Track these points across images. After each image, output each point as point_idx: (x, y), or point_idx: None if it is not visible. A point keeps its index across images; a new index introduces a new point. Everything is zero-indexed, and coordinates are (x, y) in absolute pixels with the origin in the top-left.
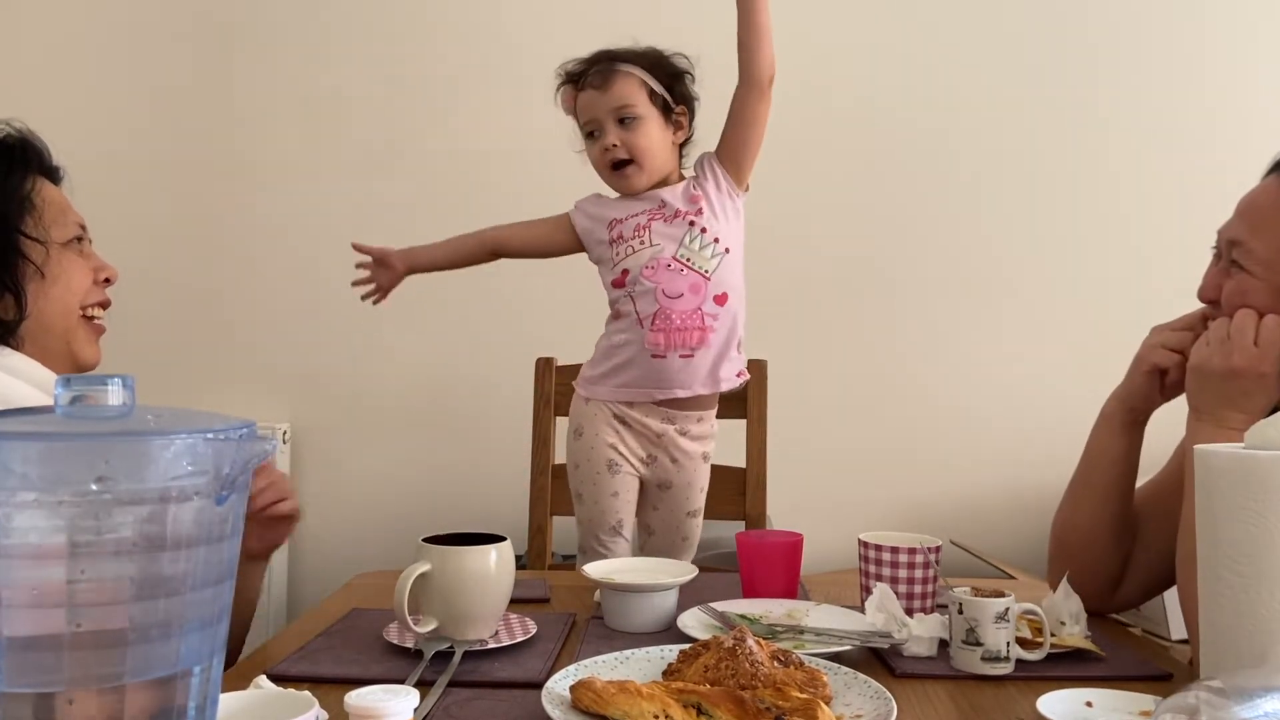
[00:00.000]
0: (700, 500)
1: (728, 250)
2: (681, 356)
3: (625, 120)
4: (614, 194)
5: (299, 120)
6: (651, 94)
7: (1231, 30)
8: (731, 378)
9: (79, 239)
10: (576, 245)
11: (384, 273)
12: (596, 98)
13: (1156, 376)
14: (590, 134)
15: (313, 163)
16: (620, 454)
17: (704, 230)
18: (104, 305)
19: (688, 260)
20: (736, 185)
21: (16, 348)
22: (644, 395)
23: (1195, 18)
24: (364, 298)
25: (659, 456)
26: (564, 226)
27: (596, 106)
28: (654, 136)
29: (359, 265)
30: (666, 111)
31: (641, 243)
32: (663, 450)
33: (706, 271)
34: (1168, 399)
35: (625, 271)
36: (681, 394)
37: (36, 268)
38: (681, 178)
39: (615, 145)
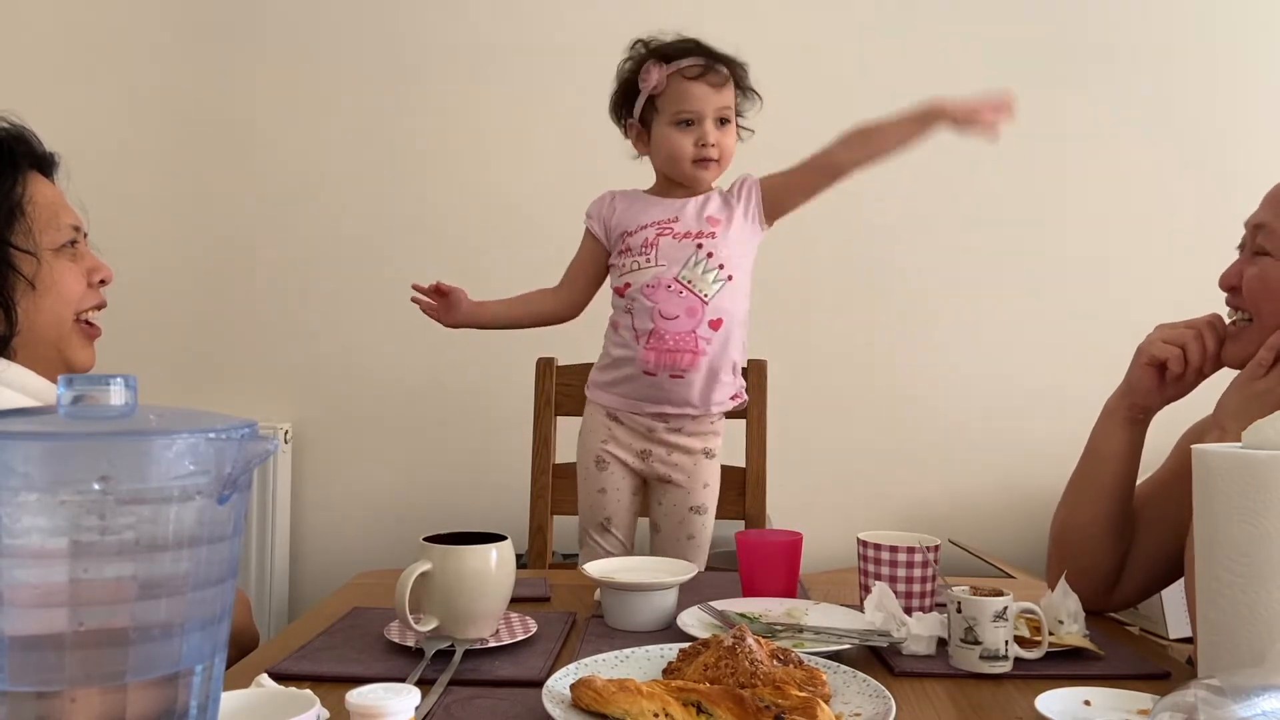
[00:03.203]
0: (705, 497)
1: (730, 278)
2: (672, 377)
3: (724, 120)
4: (627, 190)
5: (303, 119)
6: (736, 102)
7: (1240, 31)
8: (725, 401)
9: (72, 242)
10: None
11: (446, 308)
12: (709, 93)
13: (1155, 371)
14: (685, 122)
15: (317, 162)
16: (610, 451)
17: (710, 255)
18: (99, 307)
19: (689, 282)
20: (765, 219)
21: (10, 359)
22: (636, 407)
23: (1202, 19)
24: (416, 301)
25: (653, 450)
26: (592, 247)
27: (706, 101)
28: (734, 141)
29: (427, 289)
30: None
31: (647, 260)
32: (656, 444)
33: (706, 295)
34: (1169, 399)
35: (627, 284)
36: (671, 410)
37: (27, 281)
38: (711, 186)
39: (714, 144)
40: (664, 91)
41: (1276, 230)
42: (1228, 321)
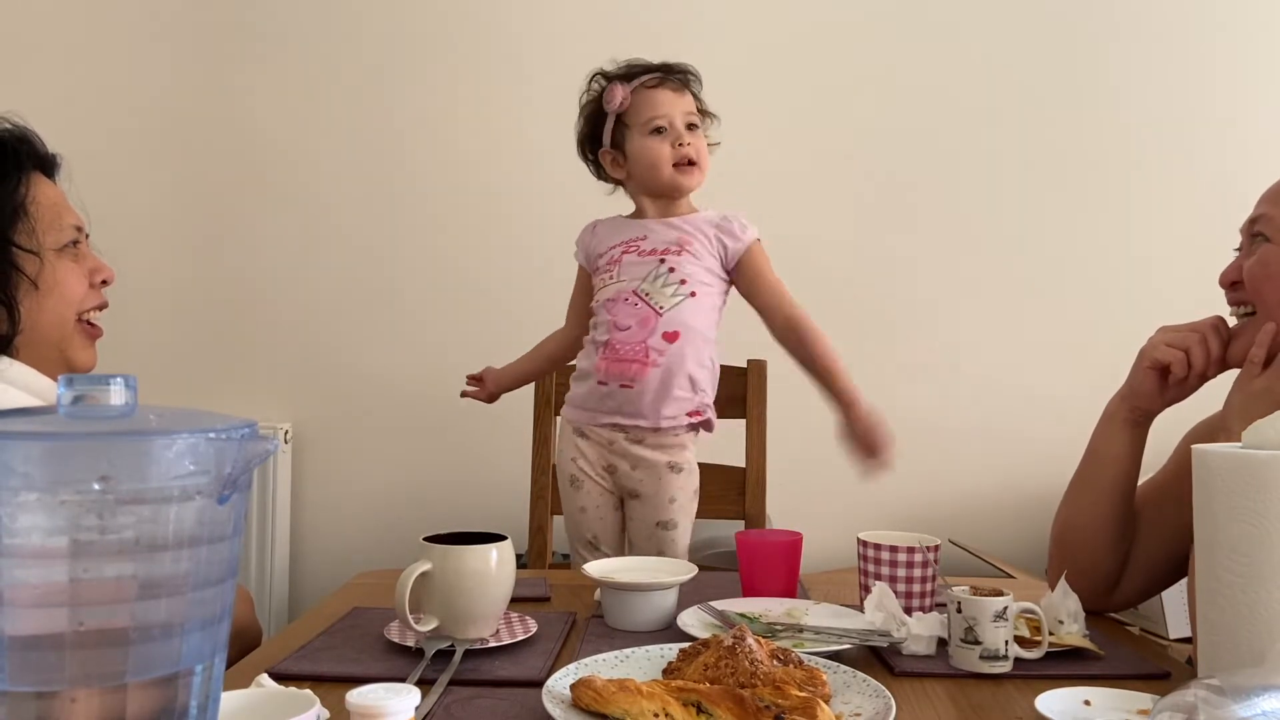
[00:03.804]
0: (671, 513)
1: (694, 294)
2: (621, 386)
3: (692, 125)
4: (609, 217)
5: (304, 120)
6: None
7: (1240, 36)
8: (680, 416)
9: (75, 242)
10: None
11: (481, 389)
12: (673, 98)
13: (1157, 374)
14: (657, 129)
15: (316, 162)
16: (581, 469)
17: (672, 270)
18: (101, 308)
19: (646, 295)
20: (728, 276)
21: (13, 357)
22: (590, 418)
23: (1202, 23)
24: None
25: (617, 465)
26: (583, 277)
27: (673, 105)
28: (706, 146)
29: (468, 380)
30: None
31: (611, 276)
32: (619, 457)
33: (661, 307)
34: (1170, 401)
35: (597, 302)
36: (624, 421)
37: (30, 280)
38: (694, 209)
39: (689, 144)
40: (630, 106)
41: (1274, 218)
42: (1231, 320)
